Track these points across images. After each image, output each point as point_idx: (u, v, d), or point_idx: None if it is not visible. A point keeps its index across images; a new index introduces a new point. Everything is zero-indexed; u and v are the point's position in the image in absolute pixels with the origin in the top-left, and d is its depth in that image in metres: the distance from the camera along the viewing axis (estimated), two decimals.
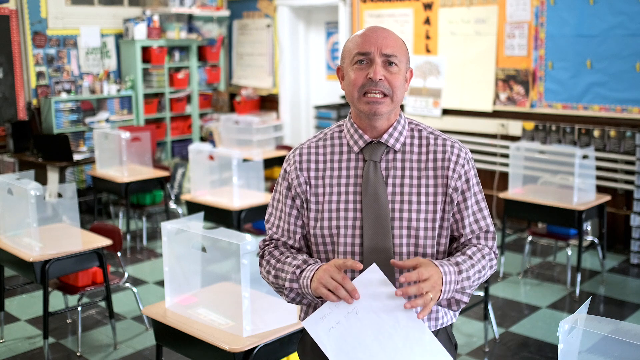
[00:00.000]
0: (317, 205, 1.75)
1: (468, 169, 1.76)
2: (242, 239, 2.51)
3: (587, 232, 5.26)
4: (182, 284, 2.91)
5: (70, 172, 6.79)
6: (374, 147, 1.74)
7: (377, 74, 1.66)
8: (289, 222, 1.80)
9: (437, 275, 1.57)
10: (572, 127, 5.71)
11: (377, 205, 1.69)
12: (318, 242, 1.75)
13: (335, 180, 1.75)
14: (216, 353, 2.56)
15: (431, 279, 1.55)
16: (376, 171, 1.71)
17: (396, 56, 1.69)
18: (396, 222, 1.69)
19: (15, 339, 4.10)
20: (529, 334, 4.07)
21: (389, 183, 1.71)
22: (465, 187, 1.74)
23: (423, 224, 1.70)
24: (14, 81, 6.70)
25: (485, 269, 1.72)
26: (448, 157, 1.73)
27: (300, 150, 1.81)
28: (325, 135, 1.82)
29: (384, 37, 1.70)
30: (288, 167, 1.80)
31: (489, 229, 1.79)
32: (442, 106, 6.57)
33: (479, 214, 1.77)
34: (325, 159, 1.78)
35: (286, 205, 1.80)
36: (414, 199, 1.70)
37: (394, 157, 1.74)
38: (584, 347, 1.37)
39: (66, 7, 7.07)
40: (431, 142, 1.76)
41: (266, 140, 7.41)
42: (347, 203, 1.72)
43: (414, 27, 6.70)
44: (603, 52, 5.50)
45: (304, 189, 1.77)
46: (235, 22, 8.39)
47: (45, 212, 4.12)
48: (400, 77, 1.70)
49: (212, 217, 4.93)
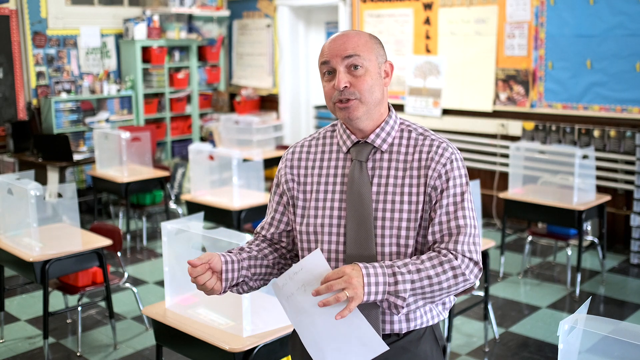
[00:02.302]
0: (304, 202, 1.78)
1: (450, 168, 1.70)
2: (242, 239, 2.51)
3: (587, 232, 5.26)
4: (182, 284, 2.91)
5: (70, 172, 6.80)
6: (360, 147, 1.75)
7: (339, 82, 1.67)
8: (274, 217, 1.86)
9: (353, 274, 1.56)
10: (572, 127, 5.71)
11: (361, 205, 1.70)
12: (303, 239, 1.78)
13: (323, 178, 1.77)
14: (216, 353, 2.56)
15: (344, 278, 1.55)
16: (362, 171, 1.72)
17: (358, 55, 1.67)
18: (379, 221, 1.69)
19: (15, 339, 4.10)
20: (529, 334, 4.07)
21: (374, 183, 1.72)
22: (444, 186, 1.68)
23: (405, 224, 1.68)
24: (14, 81, 6.70)
25: (439, 276, 1.61)
26: (431, 156, 1.70)
27: (293, 149, 1.86)
28: (319, 134, 1.85)
29: (342, 42, 1.69)
30: (281, 165, 1.86)
31: (461, 230, 1.66)
32: (442, 106, 6.57)
33: (452, 215, 1.67)
34: (315, 157, 1.81)
35: (274, 201, 1.87)
36: (397, 199, 1.70)
37: (380, 157, 1.74)
38: (584, 347, 1.37)
39: (66, 7, 7.07)
40: (419, 142, 1.74)
41: (266, 140, 7.42)
42: (332, 202, 1.74)
43: (414, 27, 6.70)
44: (603, 52, 5.50)
45: (290, 186, 1.81)
46: (235, 22, 8.39)
47: (45, 212, 4.13)
48: (368, 78, 1.68)
49: (212, 217, 4.93)
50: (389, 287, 1.58)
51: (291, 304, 1.67)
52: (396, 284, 1.59)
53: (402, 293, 1.59)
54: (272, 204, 1.89)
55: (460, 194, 1.70)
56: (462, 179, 1.71)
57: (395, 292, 1.59)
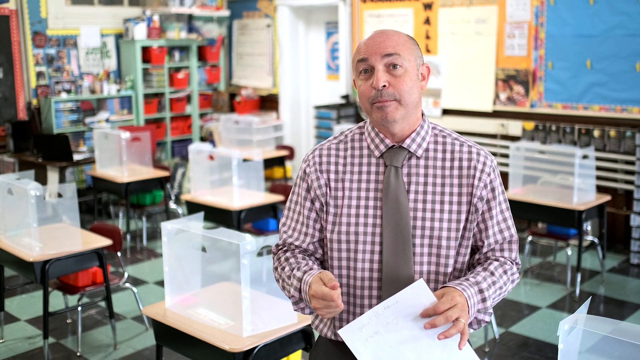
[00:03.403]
0: (336, 209, 1.69)
1: (494, 177, 1.69)
2: (242, 239, 2.51)
3: (587, 232, 5.26)
4: (182, 284, 2.91)
5: (70, 172, 6.79)
6: (395, 152, 1.67)
7: (379, 80, 1.60)
8: (307, 225, 1.73)
9: (462, 300, 1.54)
10: (572, 127, 5.71)
11: (398, 213, 1.63)
12: (334, 248, 1.69)
13: (355, 184, 1.68)
14: (216, 353, 2.56)
15: (458, 305, 1.52)
16: (397, 177, 1.65)
17: (398, 54, 1.63)
18: (417, 230, 1.63)
19: (15, 339, 4.10)
20: (529, 334, 4.07)
21: (411, 190, 1.65)
22: (490, 196, 1.68)
23: (445, 234, 1.64)
24: (14, 81, 6.70)
25: (506, 284, 1.69)
26: (474, 165, 1.67)
27: (320, 152, 1.74)
28: (346, 137, 1.75)
29: (382, 39, 1.64)
30: (308, 169, 1.73)
31: (513, 239, 1.73)
32: (442, 106, 6.57)
33: (504, 224, 1.72)
34: (345, 161, 1.71)
35: (305, 207, 1.73)
36: (437, 207, 1.65)
37: (416, 163, 1.67)
38: (584, 347, 1.37)
39: (66, 7, 7.07)
40: (456, 149, 1.69)
41: (266, 140, 7.42)
42: (367, 209, 1.66)
43: (414, 27, 6.70)
44: (603, 52, 5.50)
45: (324, 192, 1.70)
46: (235, 22, 8.39)
47: (45, 212, 4.12)
48: (407, 79, 1.63)
49: (212, 217, 4.93)
50: (479, 305, 1.61)
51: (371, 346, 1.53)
52: (484, 301, 1.61)
53: (489, 309, 1.64)
54: (302, 210, 1.74)
55: (505, 202, 1.74)
56: (502, 186, 1.75)
57: (485, 310, 1.63)
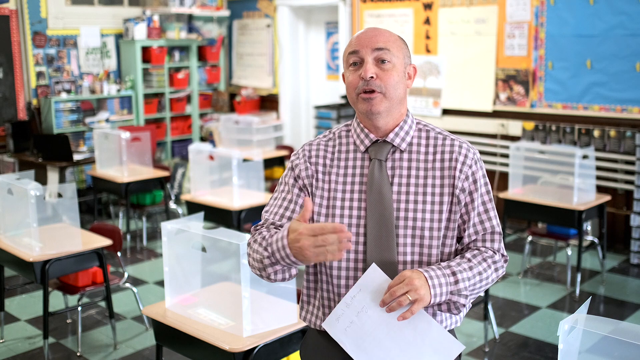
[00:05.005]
0: (322, 199, 1.75)
1: (476, 169, 1.75)
2: (242, 239, 2.51)
3: (587, 232, 5.26)
4: (182, 284, 2.91)
5: (70, 172, 6.79)
6: (379, 146, 1.74)
7: (367, 71, 1.67)
8: (293, 210, 1.76)
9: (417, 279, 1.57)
10: (572, 127, 5.71)
11: (382, 204, 1.68)
12: None
13: (341, 178, 1.75)
14: (216, 353, 2.56)
15: (405, 281, 1.57)
16: (381, 170, 1.71)
17: (388, 50, 1.69)
18: (401, 221, 1.68)
19: (15, 339, 4.10)
20: (529, 334, 4.07)
21: (395, 182, 1.71)
22: (472, 187, 1.73)
23: (428, 224, 1.69)
24: (14, 81, 6.70)
25: (486, 271, 1.69)
26: (455, 157, 1.73)
27: (309, 146, 1.82)
28: (334, 134, 1.83)
29: (373, 34, 1.71)
30: (297, 160, 1.80)
31: (495, 230, 1.76)
32: (442, 106, 6.57)
33: (485, 215, 1.75)
34: (333, 156, 1.78)
35: (292, 193, 1.78)
36: (419, 199, 1.70)
37: (400, 157, 1.74)
38: (584, 347, 1.37)
39: (66, 7, 7.07)
40: (439, 142, 1.75)
41: (266, 140, 7.41)
42: (352, 201, 1.72)
43: (414, 27, 6.70)
44: (603, 52, 5.50)
45: (311, 182, 1.76)
46: (235, 22, 8.39)
47: (45, 212, 4.12)
48: (394, 74, 1.69)
49: (212, 217, 4.93)
50: (451, 287, 1.63)
51: (350, 335, 1.61)
52: (457, 283, 1.63)
53: (463, 291, 1.64)
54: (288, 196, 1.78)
55: (487, 193, 1.78)
56: (485, 178, 1.78)
57: (458, 291, 1.64)
